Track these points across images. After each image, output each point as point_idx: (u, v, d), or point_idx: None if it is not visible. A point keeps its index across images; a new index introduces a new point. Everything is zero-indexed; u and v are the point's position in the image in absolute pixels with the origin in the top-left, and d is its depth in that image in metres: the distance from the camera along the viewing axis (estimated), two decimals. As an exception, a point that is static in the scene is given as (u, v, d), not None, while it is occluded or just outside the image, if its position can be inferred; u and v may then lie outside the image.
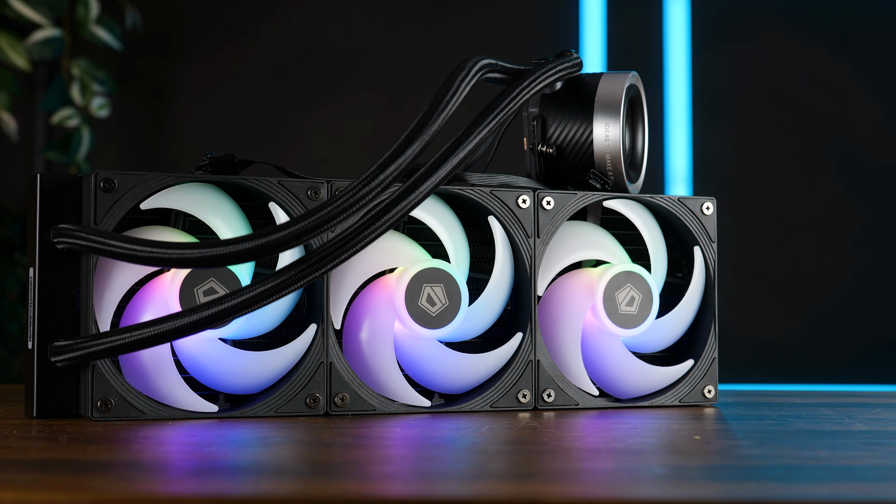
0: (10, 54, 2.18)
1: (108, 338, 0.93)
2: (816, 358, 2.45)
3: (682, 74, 2.47)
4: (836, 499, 0.62)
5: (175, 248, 0.92)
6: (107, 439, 0.84)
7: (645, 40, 2.47)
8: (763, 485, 0.66)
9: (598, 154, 1.11)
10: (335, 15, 2.50)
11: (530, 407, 1.07)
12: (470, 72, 1.01)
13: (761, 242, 2.47)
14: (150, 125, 2.52)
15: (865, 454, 0.78)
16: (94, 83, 2.25)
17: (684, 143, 2.46)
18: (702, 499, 0.62)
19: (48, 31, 2.21)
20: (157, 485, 0.66)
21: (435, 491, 0.64)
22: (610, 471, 0.71)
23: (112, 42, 2.26)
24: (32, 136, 2.42)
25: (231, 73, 2.50)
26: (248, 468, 0.73)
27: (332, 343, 1.02)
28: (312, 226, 0.91)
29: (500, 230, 1.07)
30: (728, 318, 2.45)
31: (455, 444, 0.85)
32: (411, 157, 0.95)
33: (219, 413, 0.99)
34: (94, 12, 2.24)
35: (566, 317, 1.09)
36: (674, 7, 2.48)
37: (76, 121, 2.23)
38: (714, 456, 0.78)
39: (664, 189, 2.44)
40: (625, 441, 0.85)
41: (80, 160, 2.23)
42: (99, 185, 0.96)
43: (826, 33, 2.49)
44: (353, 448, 0.81)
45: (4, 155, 2.38)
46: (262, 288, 0.92)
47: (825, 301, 2.46)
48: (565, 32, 2.48)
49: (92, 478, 0.67)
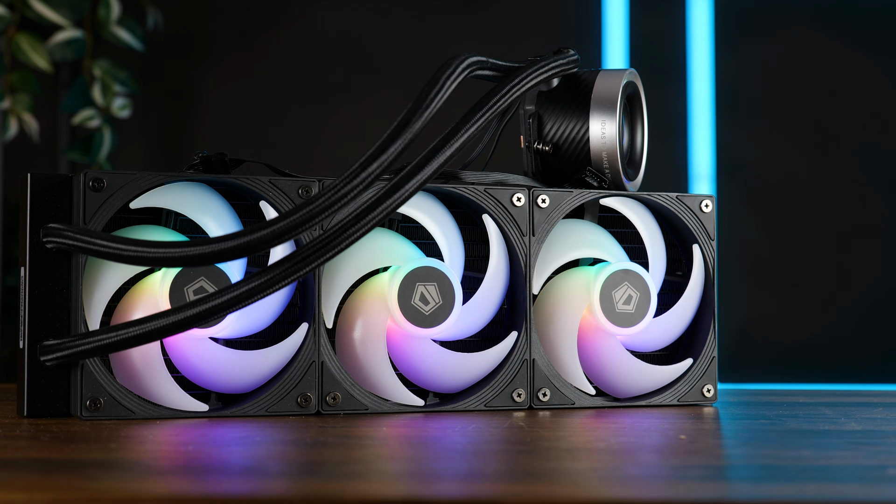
0: (31, 55, 2.19)
1: (95, 337, 0.93)
2: (840, 357, 2.42)
3: (705, 72, 2.45)
4: (802, 499, 0.61)
5: (159, 248, 0.92)
6: (88, 438, 0.84)
7: (668, 38, 2.46)
8: (731, 485, 0.65)
9: (594, 151, 1.10)
10: (357, 14, 2.50)
11: (525, 406, 1.06)
12: (456, 69, 1.00)
13: (784, 241, 2.45)
14: (171, 125, 2.52)
15: (848, 454, 0.77)
16: (115, 84, 2.25)
17: (708, 142, 2.45)
18: (661, 499, 0.61)
19: (69, 32, 2.22)
20: (120, 484, 0.65)
21: (395, 491, 0.63)
22: (580, 471, 0.70)
23: (133, 43, 2.27)
24: (56, 136, 2.44)
25: (253, 73, 2.50)
26: (235, 468, 0.72)
27: (324, 342, 1.01)
28: (294, 224, 0.90)
29: (494, 228, 1.06)
30: (750, 317, 2.44)
31: (434, 444, 0.84)
32: (394, 155, 0.94)
33: (209, 412, 0.99)
34: (116, 13, 2.24)
35: (562, 315, 1.08)
36: (697, 4, 2.46)
37: (97, 121, 2.24)
38: (693, 456, 0.77)
39: (687, 188, 2.42)
40: (607, 441, 0.84)
41: (102, 160, 2.24)
42: (88, 184, 0.96)
43: (850, 30, 2.47)
44: (337, 447, 0.81)
45: (29, 156, 2.39)
46: (246, 287, 0.92)
47: (849, 300, 2.44)
48: (588, 31, 2.47)
49: (55, 477, 0.67)
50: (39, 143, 2.32)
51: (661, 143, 2.45)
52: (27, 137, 2.27)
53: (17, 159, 2.35)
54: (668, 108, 2.47)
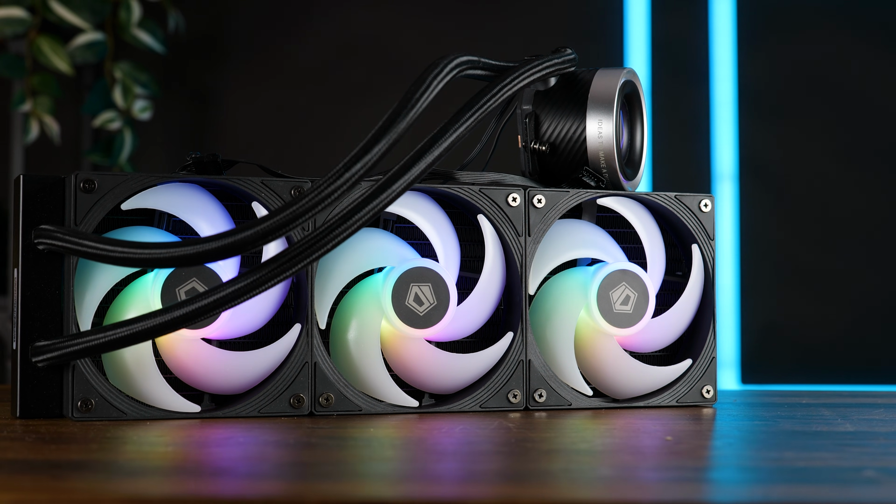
0: (52, 58, 2.20)
1: (85, 338, 0.93)
2: (866, 357, 2.41)
3: (727, 72, 2.44)
4: (768, 500, 0.61)
5: (144, 249, 0.92)
6: (72, 439, 0.84)
7: (690, 37, 2.45)
8: (699, 486, 0.65)
9: (591, 151, 1.09)
10: (378, 15, 2.50)
11: (521, 407, 1.06)
12: (444, 69, 1.00)
13: (809, 241, 2.43)
14: (193, 127, 2.53)
15: (830, 456, 0.76)
16: (136, 86, 2.26)
17: (730, 141, 2.43)
18: (627, 499, 0.61)
19: (90, 35, 2.23)
20: (87, 485, 0.65)
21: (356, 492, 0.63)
22: (552, 472, 0.70)
23: (154, 45, 2.28)
24: (79, 139, 2.45)
25: (274, 75, 2.51)
26: (224, 469, 0.72)
27: (317, 343, 1.01)
28: (278, 225, 0.90)
29: (489, 229, 1.06)
30: (776, 318, 2.42)
31: (416, 445, 0.84)
32: (378, 155, 0.94)
33: (201, 413, 0.99)
34: (136, 16, 2.25)
35: (559, 316, 1.08)
36: (719, 3, 2.45)
37: (118, 123, 2.25)
38: (672, 457, 0.77)
39: (710, 188, 2.41)
40: (591, 442, 0.84)
41: (123, 162, 2.25)
42: (79, 185, 0.96)
43: (874, 28, 2.45)
44: (325, 449, 0.80)
45: (52, 158, 2.41)
46: (234, 287, 0.92)
47: (876, 300, 2.42)
48: (609, 31, 2.46)
49: (23, 478, 0.67)
50: (62, 145, 2.33)
51: (684, 143, 2.44)
52: (49, 140, 2.28)
53: (40, 161, 2.37)
54: (690, 108, 2.46)
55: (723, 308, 2.40)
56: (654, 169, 2.42)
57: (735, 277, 2.41)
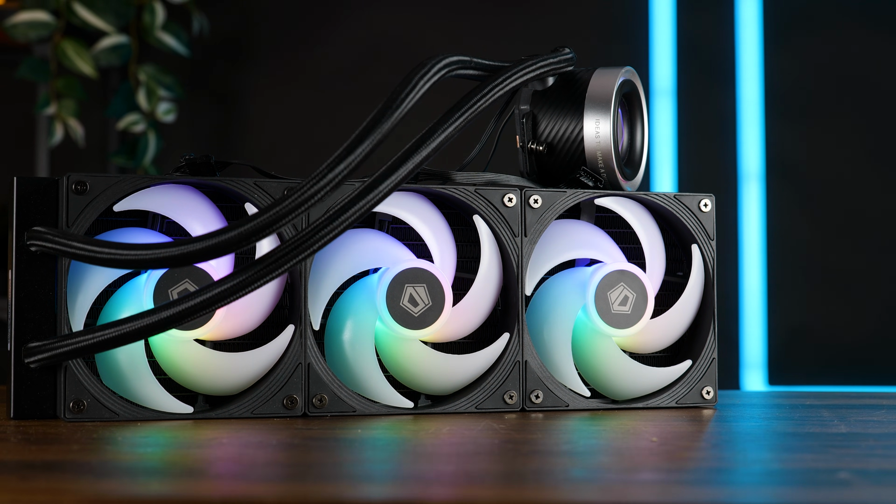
0: (76, 62, 2.21)
1: (75, 339, 0.94)
2: (894, 359, 2.38)
3: (753, 71, 2.42)
4: (731, 502, 0.60)
5: (132, 250, 0.92)
6: (57, 440, 0.84)
7: (716, 36, 2.43)
8: (669, 487, 0.64)
9: (588, 151, 1.09)
10: (403, 16, 2.50)
11: (517, 408, 1.05)
12: (431, 70, 0.99)
13: (837, 241, 2.42)
14: (218, 129, 2.54)
15: (811, 457, 0.76)
16: (160, 88, 2.27)
17: (757, 141, 2.42)
18: (588, 500, 0.60)
19: (114, 38, 2.24)
20: (54, 485, 0.65)
21: (319, 493, 0.63)
22: (522, 473, 0.69)
23: (178, 48, 2.29)
24: (106, 141, 2.46)
25: (298, 76, 2.51)
26: (217, 470, 0.72)
27: (311, 344, 1.01)
28: (261, 226, 0.90)
29: (485, 229, 1.05)
30: (802, 318, 2.40)
31: (401, 446, 0.84)
32: (362, 156, 0.94)
33: (194, 414, 0.99)
34: (160, 19, 2.26)
35: (556, 316, 1.07)
36: (745, 2, 2.44)
37: (142, 126, 2.26)
38: (649, 458, 0.76)
39: (736, 188, 2.39)
40: (574, 444, 0.83)
41: (147, 164, 2.26)
42: (71, 187, 0.97)
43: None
44: (316, 450, 0.80)
45: (78, 160, 2.42)
46: (221, 288, 0.92)
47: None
48: (635, 31, 2.45)
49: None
50: (87, 147, 2.34)
51: (710, 143, 2.43)
52: (73, 143, 2.30)
53: (64, 164, 2.38)
54: (716, 107, 2.44)
55: (750, 309, 2.38)
56: (680, 169, 2.41)
57: (762, 278, 2.39)
